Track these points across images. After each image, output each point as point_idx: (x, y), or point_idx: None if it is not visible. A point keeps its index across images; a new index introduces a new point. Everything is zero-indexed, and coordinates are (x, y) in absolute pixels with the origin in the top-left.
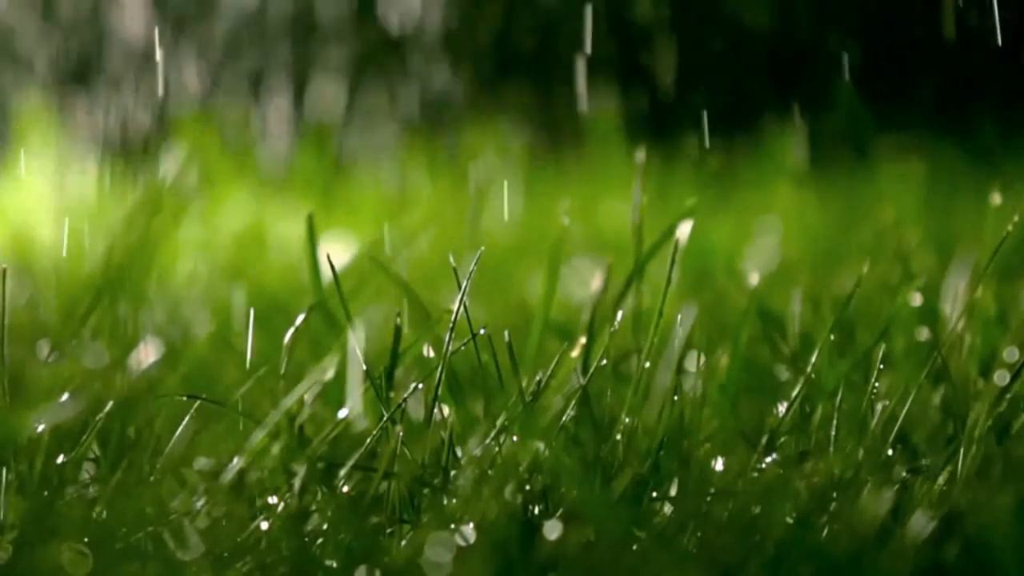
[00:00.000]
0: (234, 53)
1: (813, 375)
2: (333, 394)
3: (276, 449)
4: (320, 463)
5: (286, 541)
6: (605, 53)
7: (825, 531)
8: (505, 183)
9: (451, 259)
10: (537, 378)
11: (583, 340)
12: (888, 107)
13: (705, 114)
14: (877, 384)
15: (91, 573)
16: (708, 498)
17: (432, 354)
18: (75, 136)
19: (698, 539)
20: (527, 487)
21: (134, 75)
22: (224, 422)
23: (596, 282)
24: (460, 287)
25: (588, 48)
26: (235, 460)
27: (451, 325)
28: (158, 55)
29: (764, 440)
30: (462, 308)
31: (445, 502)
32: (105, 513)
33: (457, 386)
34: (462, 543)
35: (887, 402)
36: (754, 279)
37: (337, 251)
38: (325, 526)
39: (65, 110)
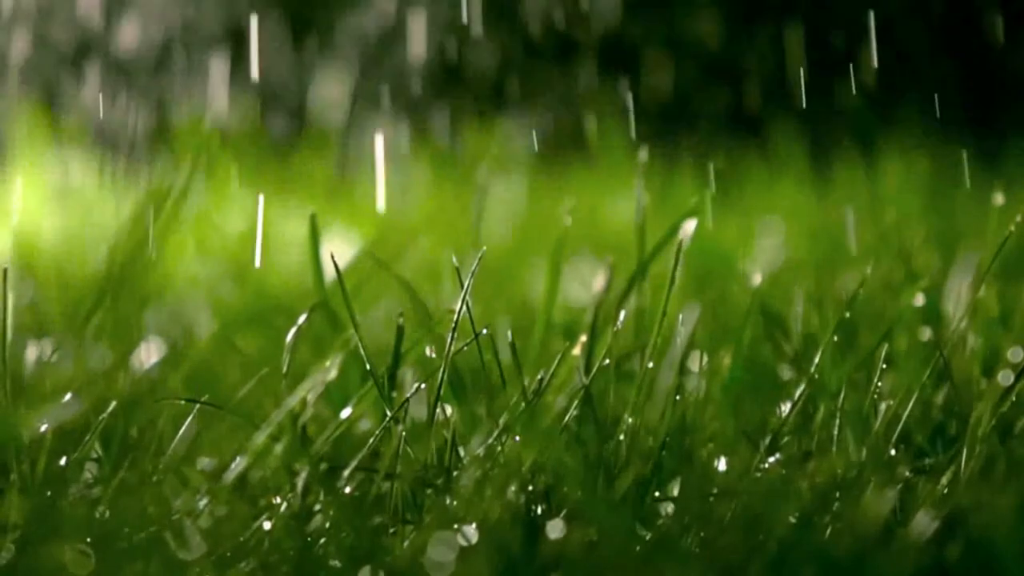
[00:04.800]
0: (236, 53)
1: (816, 375)
2: (335, 394)
3: (279, 449)
4: (323, 463)
5: (289, 541)
6: (607, 53)
7: (828, 531)
8: (508, 183)
9: (454, 259)
10: (539, 377)
11: (585, 339)
12: (891, 107)
13: (708, 114)
14: (880, 384)
15: (94, 573)
16: (711, 498)
17: (434, 354)
18: (76, 137)
19: (701, 539)
20: (530, 487)
21: (136, 75)
22: (226, 422)
23: (599, 282)
24: (462, 287)
25: (590, 48)
26: (237, 460)
27: (453, 325)
28: (159, 55)
29: (767, 440)
30: (464, 308)
31: (448, 502)
32: (108, 513)
33: (459, 386)
34: (464, 543)
35: (890, 402)
36: (757, 279)
37: (340, 251)
38: (328, 526)
39: (66, 111)
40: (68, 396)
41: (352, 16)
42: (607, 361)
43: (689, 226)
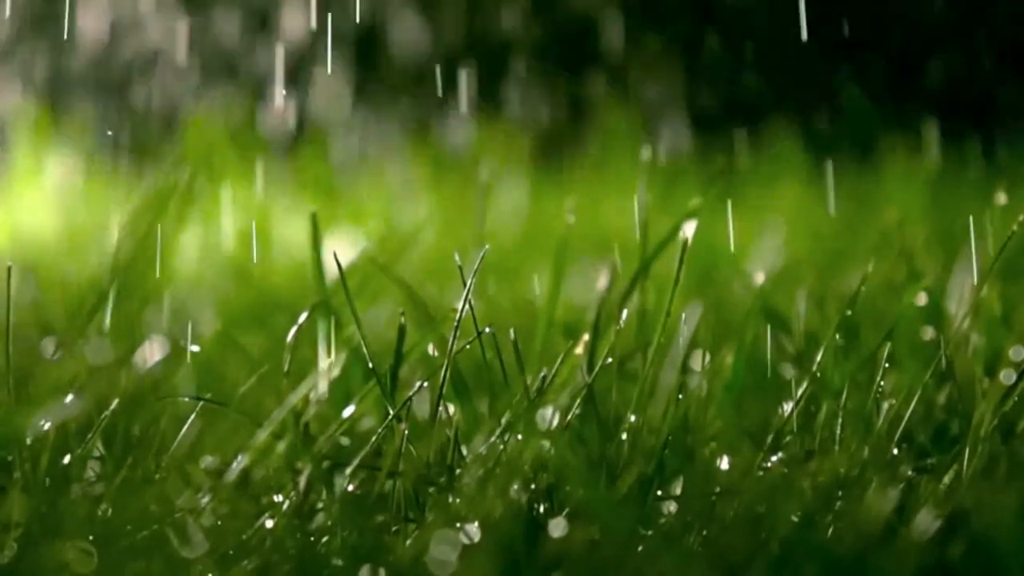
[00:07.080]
0: (239, 52)
1: (818, 374)
2: (338, 392)
3: (281, 447)
4: (325, 461)
5: (291, 539)
6: (609, 53)
7: (830, 530)
8: (510, 181)
9: (456, 257)
10: (542, 375)
11: (588, 338)
12: (893, 106)
13: (710, 113)
14: (882, 383)
15: (96, 571)
16: (713, 497)
17: (437, 352)
18: (78, 136)
19: (703, 538)
20: (532, 485)
21: (138, 74)
22: (229, 420)
23: (601, 281)
24: (465, 285)
25: (591, 48)
26: (240, 458)
27: (456, 323)
28: (162, 54)
29: (769, 439)
30: (467, 306)
31: (450, 500)
32: (110, 511)
33: (462, 384)
34: (467, 542)
35: (892, 401)
36: (759, 278)
37: (342, 250)
38: (330, 524)
39: (68, 109)
40: (70, 394)
41: (353, 15)
42: (610, 360)
43: (691, 225)
